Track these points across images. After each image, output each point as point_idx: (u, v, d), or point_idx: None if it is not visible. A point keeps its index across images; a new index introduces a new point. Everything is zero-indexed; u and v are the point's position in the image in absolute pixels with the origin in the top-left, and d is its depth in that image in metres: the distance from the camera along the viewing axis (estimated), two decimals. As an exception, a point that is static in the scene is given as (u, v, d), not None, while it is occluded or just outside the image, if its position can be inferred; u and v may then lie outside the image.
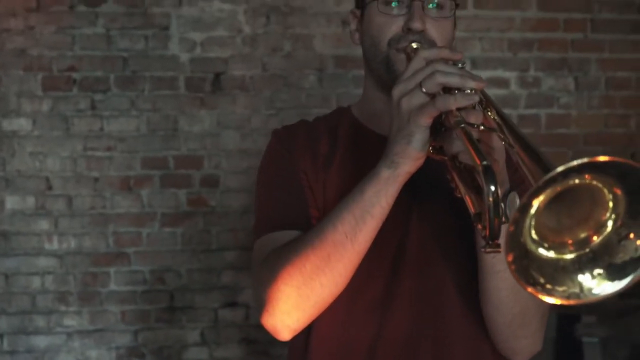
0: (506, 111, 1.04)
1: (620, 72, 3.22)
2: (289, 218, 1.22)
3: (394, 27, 1.19)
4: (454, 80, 0.99)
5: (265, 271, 1.15)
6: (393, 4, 1.19)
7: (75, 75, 2.90)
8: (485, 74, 3.07)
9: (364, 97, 1.35)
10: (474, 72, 1.08)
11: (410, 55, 1.15)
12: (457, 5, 1.24)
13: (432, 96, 1.00)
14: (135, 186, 2.95)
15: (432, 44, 1.17)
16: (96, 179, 2.93)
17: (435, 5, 1.20)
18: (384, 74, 1.22)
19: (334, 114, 1.37)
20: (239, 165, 2.98)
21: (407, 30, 1.17)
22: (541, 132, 3.14)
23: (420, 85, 1.00)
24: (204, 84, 2.93)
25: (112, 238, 2.94)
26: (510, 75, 3.13)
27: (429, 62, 1.03)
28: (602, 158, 0.72)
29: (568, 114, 3.18)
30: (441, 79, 0.99)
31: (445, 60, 1.04)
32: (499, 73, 3.11)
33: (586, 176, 0.77)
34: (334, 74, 2.98)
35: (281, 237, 1.18)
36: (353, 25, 1.32)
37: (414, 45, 1.15)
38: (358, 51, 2.96)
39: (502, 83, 3.10)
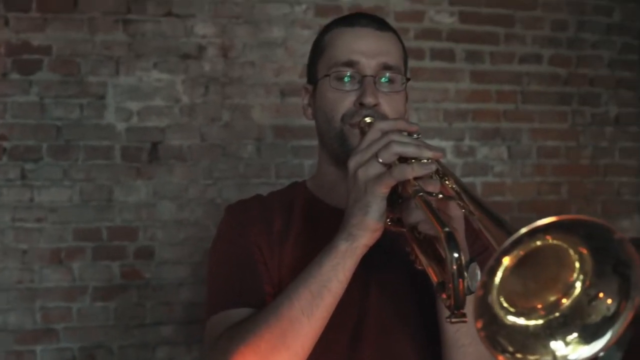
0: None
1: (549, 141, 3.33)
2: (242, 295, 1.19)
3: (347, 102, 1.20)
4: (410, 150, 0.99)
5: (218, 352, 1.11)
6: (345, 79, 1.21)
7: (5, 144, 2.81)
8: (421, 143, 3.12)
9: (319, 171, 1.34)
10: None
11: (364, 129, 1.16)
12: (408, 80, 1.26)
13: (389, 166, 1.00)
14: (66, 259, 2.83)
15: (385, 119, 1.18)
16: (24, 251, 2.80)
17: (387, 79, 1.21)
18: (337, 148, 1.23)
19: (288, 189, 1.37)
20: (175, 236, 2.91)
21: (360, 105, 1.18)
22: (477, 200, 3.19)
23: (376, 155, 1.00)
24: (141, 153, 2.88)
25: (39, 314, 2.80)
26: (447, 144, 3.19)
27: (385, 133, 1.03)
28: (568, 217, 0.71)
29: (503, 182, 3.26)
30: (397, 149, 0.99)
31: (400, 131, 1.04)
32: (436, 143, 3.16)
33: (551, 237, 0.75)
34: (273, 144, 2.98)
35: (234, 316, 1.15)
36: (305, 100, 1.33)
37: (368, 119, 1.16)
38: (297, 122, 2.98)
39: (438, 152, 3.15)
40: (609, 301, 0.78)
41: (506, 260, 0.74)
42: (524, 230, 0.70)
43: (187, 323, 2.88)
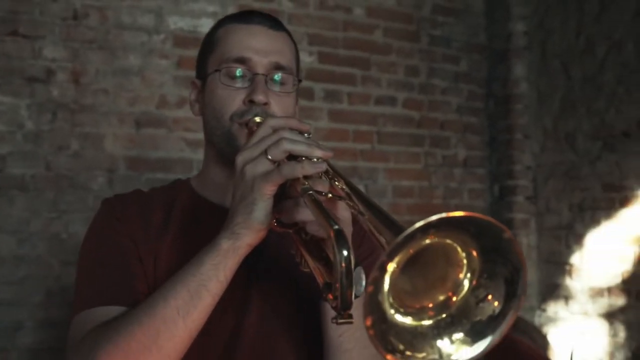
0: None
1: (404, 181, 3.43)
2: (113, 292, 1.10)
3: (237, 100, 1.17)
4: (300, 148, 0.97)
5: (82, 352, 1.00)
6: (236, 77, 1.18)
7: None
8: (281, 179, 3.10)
9: (204, 170, 1.30)
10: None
11: (252, 129, 1.13)
12: (299, 81, 1.26)
13: (278, 164, 0.97)
14: None
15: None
16: None
17: (278, 80, 1.20)
18: (225, 147, 1.19)
19: (170, 186, 1.31)
20: (14, 274, 2.64)
21: (250, 102, 1.16)
22: (336, 238, 3.19)
23: (265, 152, 0.97)
24: (-24, 182, 2.63)
25: None
26: (305, 181, 3.18)
27: (276, 130, 1.00)
28: (460, 213, 0.71)
29: (360, 220, 3.28)
30: (287, 146, 0.97)
31: (292, 129, 1.02)
32: (295, 179, 3.15)
33: (442, 234, 0.75)
34: (126, 176, 2.83)
35: (103, 314, 1.06)
36: (193, 96, 1.29)
37: (257, 119, 1.14)
38: (152, 153, 2.86)
39: (298, 189, 3.14)
40: (496, 304, 0.78)
41: (397, 259, 0.73)
42: (418, 224, 0.69)
43: (24, 370, 2.60)
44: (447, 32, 3.65)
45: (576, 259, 3.33)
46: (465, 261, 0.79)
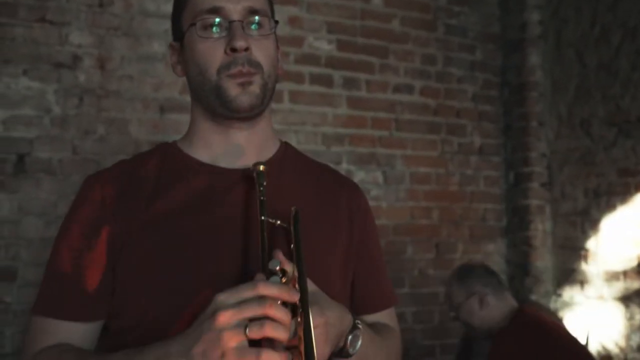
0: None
1: (421, 167, 3.47)
2: (72, 304, 1.11)
3: (219, 52, 1.14)
4: (280, 336, 0.91)
5: None
6: (213, 28, 1.14)
7: None
8: (301, 165, 3.14)
9: (191, 129, 1.25)
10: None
11: (255, 173, 1.14)
12: (276, 23, 1.22)
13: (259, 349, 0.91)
14: None
15: (257, 66, 1.15)
16: None
17: (256, 24, 1.17)
18: (214, 101, 1.15)
19: (156, 149, 1.27)
20: (42, 256, 2.68)
21: (232, 50, 1.13)
22: (355, 223, 3.23)
23: (246, 327, 0.90)
24: (5, 165, 2.67)
25: None
26: (325, 167, 3.22)
27: (262, 300, 0.92)
28: None
29: (379, 206, 3.33)
30: (269, 333, 0.90)
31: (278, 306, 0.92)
32: (314, 165, 3.20)
33: None
34: (151, 160, 2.87)
35: (54, 330, 1.10)
36: (174, 59, 1.24)
37: (261, 167, 1.13)
38: (175, 138, 2.91)
39: (318, 174, 3.18)
40: None
41: None
42: None
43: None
44: (463, 22, 3.69)
45: (592, 243, 3.36)
46: None
